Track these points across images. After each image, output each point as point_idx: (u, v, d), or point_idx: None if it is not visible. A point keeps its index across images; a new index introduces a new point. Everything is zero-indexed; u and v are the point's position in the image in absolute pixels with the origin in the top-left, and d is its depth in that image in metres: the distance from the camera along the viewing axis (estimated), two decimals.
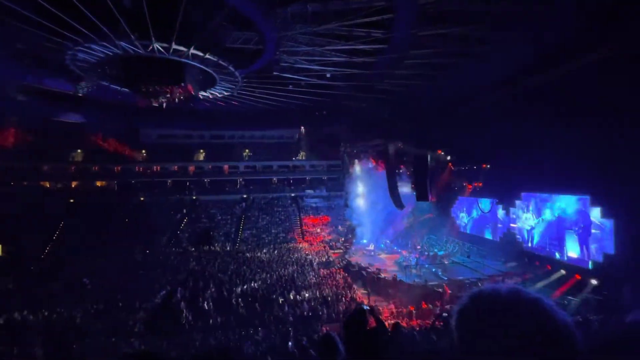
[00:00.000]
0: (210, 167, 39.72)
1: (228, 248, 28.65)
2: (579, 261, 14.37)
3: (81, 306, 15.25)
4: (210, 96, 25.77)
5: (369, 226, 29.16)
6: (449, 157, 22.13)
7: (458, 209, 24.25)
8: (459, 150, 21.29)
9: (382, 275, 19.32)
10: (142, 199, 34.74)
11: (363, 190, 31.55)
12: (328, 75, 19.42)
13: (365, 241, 28.07)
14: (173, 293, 16.08)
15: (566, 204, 15.19)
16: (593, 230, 13.70)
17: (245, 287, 17.57)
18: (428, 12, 12.18)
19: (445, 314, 10.82)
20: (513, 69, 14.96)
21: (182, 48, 16.23)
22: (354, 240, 29.26)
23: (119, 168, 36.66)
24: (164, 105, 21.58)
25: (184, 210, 34.49)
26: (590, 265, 13.78)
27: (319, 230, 33.04)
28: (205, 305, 15.23)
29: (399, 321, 12.00)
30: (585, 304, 12.23)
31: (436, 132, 20.93)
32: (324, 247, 28.37)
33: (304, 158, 41.69)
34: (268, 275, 19.81)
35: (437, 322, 9.26)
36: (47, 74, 20.54)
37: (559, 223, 15.58)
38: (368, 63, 17.51)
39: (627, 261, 11.49)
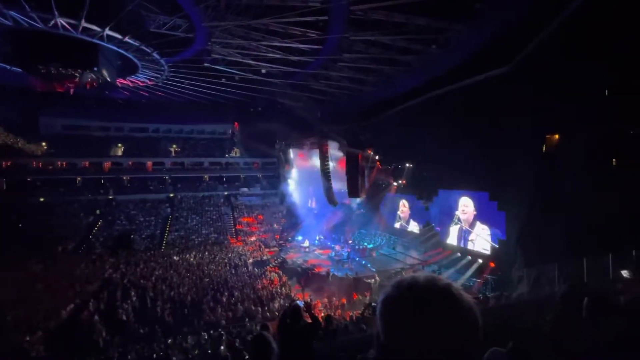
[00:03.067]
0: (130, 163, 35.71)
1: (152, 252, 26.19)
2: (482, 248, 16.73)
3: None
4: (131, 84, 23.24)
5: (304, 223, 29.60)
6: (377, 157, 23.61)
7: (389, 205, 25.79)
8: (386, 150, 22.89)
9: (316, 271, 19.80)
10: (41, 199, 29.58)
11: (298, 187, 31.86)
12: (263, 71, 19.09)
13: (300, 238, 28.39)
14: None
15: (471, 198, 17.55)
16: (490, 223, 16.12)
17: (172, 293, 16.31)
18: (358, 18, 12.82)
19: (374, 304, 11.59)
20: (429, 78, 16.70)
21: (94, 27, 14.28)
22: (289, 238, 29.38)
23: (9, 163, 30.65)
24: (71, 91, 18.72)
25: (98, 212, 30.45)
26: (489, 251, 16.16)
27: (253, 229, 32.32)
28: (125, 316, 13.73)
29: (332, 313, 12.48)
30: (485, 283, 14.30)
31: (366, 132, 22.19)
32: (259, 246, 27.89)
33: (238, 155, 40.24)
34: (198, 278, 18.71)
35: (366, 312, 9.86)
36: None
37: (466, 215, 17.90)
38: (304, 62, 17.70)
39: (514, 245, 13.79)
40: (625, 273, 7.16)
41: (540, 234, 11.71)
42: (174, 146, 38.32)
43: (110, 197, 32.52)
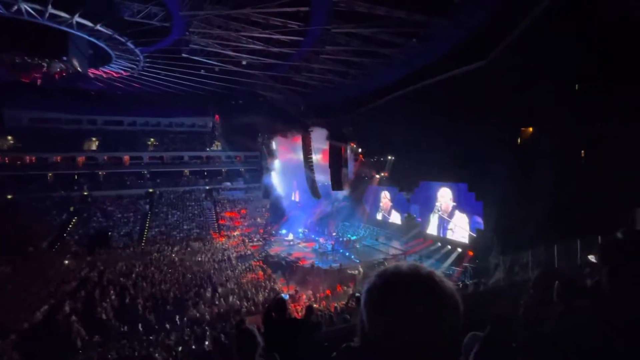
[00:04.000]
0: (106, 158, 34.31)
1: (132, 249, 25.47)
2: (461, 237, 17.31)
3: None
4: (104, 75, 22.24)
5: (288, 217, 29.56)
6: (360, 150, 23.81)
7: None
8: (369, 143, 23.10)
9: (301, 264, 19.90)
10: (9, 197, 28.01)
11: (281, 181, 31.69)
12: (244, 62, 18.69)
13: (284, 232, 28.36)
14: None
15: (451, 189, 18.06)
16: (469, 213, 16.67)
17: (153, 290, 15.98)
18: (340, 10, 12.73)
19: (357, 294, 11.81)
20: (410, 72, 16.88)
21: (63, 14, 13.48)
22: (273, 232, 29.29)
23: None
24: (39, 81, 17.70)
25: (72, 209, 29.18)
26: (467, 240, 16.74)
27: (236, 223, 31.98)
28: (104, 315, 13.35)
29: (317, 305, 12.62)
30: (464, 271, 14.84)
31: (349, 126, 22.25)
32: (243, 240, 27.67)
33: (219, 148, 39.43)
34: (180, 274, 18.40)
35: (350, 302, 10.04)
36: None
37: (445, 205, 18.42)
38: (285, 54, 17.45)
39: (491, 234, 14.36)
40: (592, 257, 7.62)
41: (515, 223, 12.24)
42: (152, 140, 37.10)
43: (85, 193, 31.21)
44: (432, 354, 0.63)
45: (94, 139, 34.69)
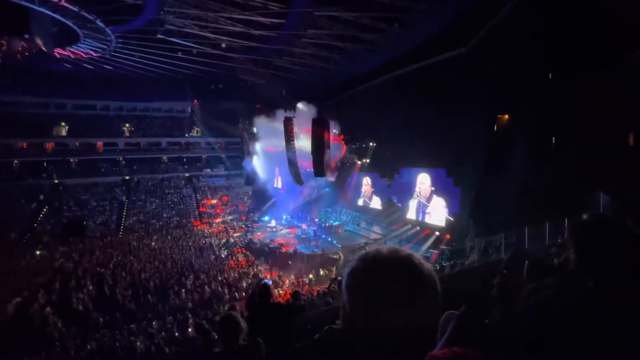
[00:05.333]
0: (77, 144, 32.67)
1: (109, 238, 24.73)
2: (439, 221, 17.88)
3: None
4: (72, 55, 20.95)
5: (270, 203, 29.47)
6: (343, 136, 23.76)
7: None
8: (351, 129, 23.10)
9: (284, 250, 20.03)
10: None
11: (263, 167, 31.35)
12: (223, 45, 18.05)
13: (266, 218, 28.31)
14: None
15: (429, 175, 18.52)
16: (446, 197, 17.22)
17: (133, 279, 15.68)
18: None
19: (339, 278, 12.07)
20: (392, 58, 16.90)
21: None
22: (256, 219, 29.18)
23: None
24: None
25: (42, 198, 27.83)
26: (444, 223, 17.32)
27: (218, 211, 31.59)
28: (81, 306, 13.02)
29: (299, 289, 12.81)
30: (441, 254, 15.42)
31: (331, 111, 22.13)
32: (224, 227, 27.42)
33: (198, 134, 38.36)
34: (161, 263, 18.11)
35: (332, 286, 10.24)
36: None
37: (424, 190, 18.90)
38: (266, 37, 16.97)
39: (467, 218, 14.94)
40: (559, 239, 8.09)
41: (489, 207, 12.76)
42: (127, 125, 35.58)
43: (56, 181, 29.75)
44: (410, 333, 0.66)
45: (63, 124, 32.85)
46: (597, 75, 8.86)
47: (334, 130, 22.67)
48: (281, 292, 14.06)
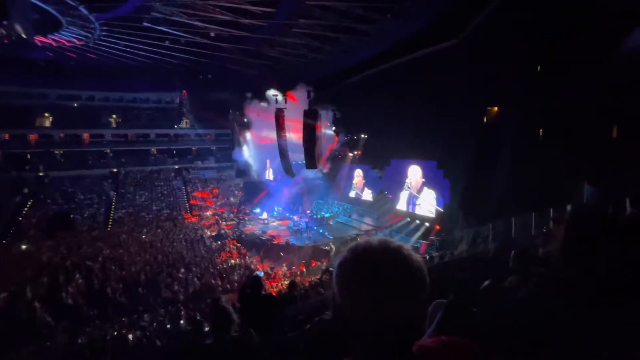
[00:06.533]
0: (62, 135, 31.78)
1: (97, 232, 24.35)
2: (429, 212, 18.14)
3: None
4: (54, 43, 20.24)
5: (262, 195, 29.38)
6: (334, 128, 23.70)
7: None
8: (343, 121, 23.03)
9: (276, 241, 20.08)
10: None
11: (254, 159, 31.15)
12: (212, 34, 17.66)
13: (258, 210, 28.26)
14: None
15: (420, 167, 18.69)
16: (437, 189, 17.44)
17: (123, 272, 15.54)
18: None
19: (331, 269, 12.19)
20: (385, 48, 16.81)
21: None
22: (247, 211, 29.09)
23: None
24: None
25: (26, 191, 27.11)
26: (434, 214, 17.58)
27: (209, 203, 31.35)
28: (70, 300, 12.87)
29: (294, 279, 12.90)
30: (430, 244, 15.69)
31: (324, 104, 21.99)
32: (216, 220, 27.28)
33: (188, 126, 37.74)
34: (151, 256, 17.97)
35: (324, 277, 10.34)
36: None
37: (414, 182, 19.11)
38: (257, 26, 16.66)
39: (456, 209, 15.19)
40: (544, 229, 8.30)
41: (477, 198, 12.98)
42: (114, 116, 34.71)
43: (41, 174, 29.00)
44: (399, 323, 0.67)
45: (47, 114, 31.85)
46: (584, 69, 9.00)
47: (326, 122, 22.59)
48: (274, 283, 14.15)
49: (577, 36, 9.21)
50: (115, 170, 32.09)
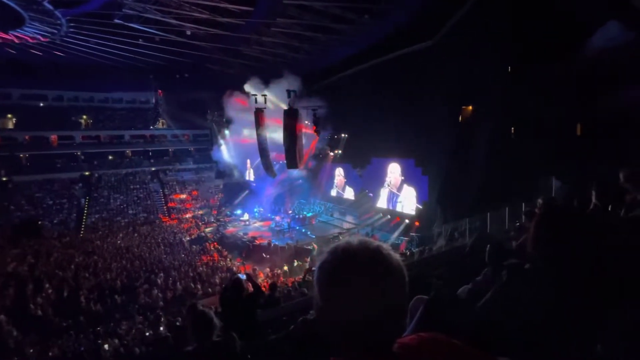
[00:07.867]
0: (27, 137, 30.02)
1: (68, 238, 23.20)
2: (409, 209, 18.52)
3: None
4: (17, 40, 19.12)
5: (242, 196, 28.99)
6: (314, 127, 23.66)
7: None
8: (323, 120, 23.04)
9: (257, 243, 19.86)
10: None
11: (234, 160, 30.63)
12: (188, 32, 17.22)
13: (239, 212, 27.85)
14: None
15: (399, 165, 19.06)
16: (416, 186, 17.85)
17: (98, 280, 14.90)
18: None
19: (313, 269, 12.21)
20: (363, 49, 17.00)
21: None
22: (228, 212, 28.60)
23: None
24: None
25: None
26: (414, 211, 17.97)
27: (188, 206, 30.58)
28: (40, 311, 12.20)
29: (275, 281, 12.82)
30: (411, 241, 16.03)
31: (304, 102, 21.94)
32: (195, 222, 26.65)
33: (164, 127, 36.61)
34: (128, 262, 17.33)
35: (307, 276, 10.34)
36: None
37: (394, 180, 19.45)
38: (234, 25, 16.40)
39: (434, 205, 15.61)
40: (517, 223, 8.68)
41: (454, 195, 13.39)
42: (85, 117, 33.17)
43: (4, 179, 27.28)
44: (380, 322, 0.68)
45: (9, 115, 29.98)
46: (552, 68, 9.47)
47: (306, 122, 22.56)
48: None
49: (544, 39, 9.69)
50: (87, 173, 30.64)
